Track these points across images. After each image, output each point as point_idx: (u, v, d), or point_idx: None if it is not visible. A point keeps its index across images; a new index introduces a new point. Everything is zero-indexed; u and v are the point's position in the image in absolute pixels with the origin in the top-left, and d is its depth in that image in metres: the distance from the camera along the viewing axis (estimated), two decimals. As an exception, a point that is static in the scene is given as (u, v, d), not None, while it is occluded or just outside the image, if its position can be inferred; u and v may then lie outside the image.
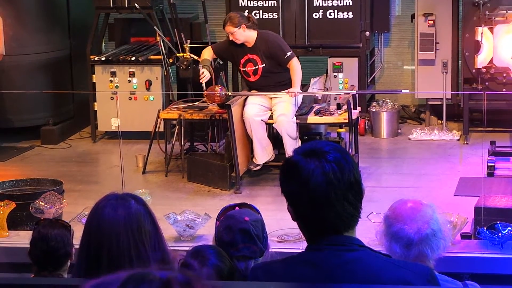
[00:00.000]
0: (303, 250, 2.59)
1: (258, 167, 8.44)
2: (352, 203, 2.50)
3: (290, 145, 8.26)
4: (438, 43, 10.09)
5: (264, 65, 8.40)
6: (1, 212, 6.70)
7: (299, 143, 8.42)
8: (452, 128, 10.14)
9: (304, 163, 2.48)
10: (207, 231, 6.50)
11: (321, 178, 2.45)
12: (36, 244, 4.50)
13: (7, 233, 6.74)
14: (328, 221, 2.50)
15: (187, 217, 6.67)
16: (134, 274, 1.20)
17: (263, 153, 8.41)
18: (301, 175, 2.48)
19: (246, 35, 8.38)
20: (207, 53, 8.66)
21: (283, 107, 8.32)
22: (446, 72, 10.12)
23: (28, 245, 4.59)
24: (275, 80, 8.44)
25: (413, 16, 10.33)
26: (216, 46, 8.75)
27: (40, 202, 6.60)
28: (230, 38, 8.47)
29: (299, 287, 2.50)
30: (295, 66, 8.32)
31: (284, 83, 8.39)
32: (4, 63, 9.96)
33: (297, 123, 8.38)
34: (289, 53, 8.35)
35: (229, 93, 8.68)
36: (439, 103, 10.31)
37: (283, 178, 2.57)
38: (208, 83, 8.53)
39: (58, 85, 10.32)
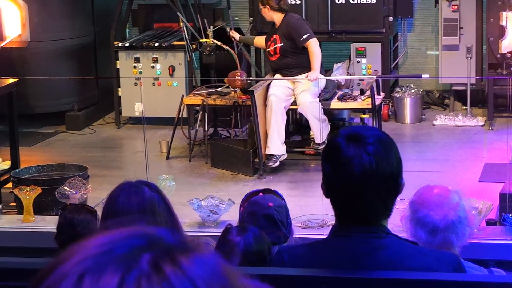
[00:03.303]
0: (330, 234, 2.59)
1: (277, 164, 8.34)
2: (383, 199, 2.47)
3: (317, 127, 8.26)
4: (462, 28, 10.03)
5: (282, 44, 8.45)
6: (27, 197, 6.75)
7: (328, 126, 8.41)
8: (477, 114, 10.09)
9: (345, 147, 2.45)
10: (230, 217, 6.52)
11: (356, 169, 2.42)
12: (62, 229, 4.54)
13: (33, 218, 6.79)
14: (355, 210, 2.49)
15: (211, 202, 6.69)
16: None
17: (278, 143, 8.32)
18: (338, 159, 2.45)
19: (271, 16, 8.49)
20: (257, 37, 9.01)
21: (305, 90, 8.33)
22: (470, 57, 10.07)
23: (54, 230, 4.63)
24: (292, 61, 8.46)
25: (436, 1, 10.26)
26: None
27: (66, 187, 6.64)
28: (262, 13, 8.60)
29: (324, 272, 2.51)
30: (313, 49, 8.33)
31: (304, 65, 8.40)
32: (29, 49, 10.02)
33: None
34: (305, 36, 8.35)
35: (250, 78, 8.71)
36: (463, 88, 10.26)
37: (323, 155, 2.56)
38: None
39: (82, 71, 10.36)
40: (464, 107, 10.26)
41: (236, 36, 9.03)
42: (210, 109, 8.92)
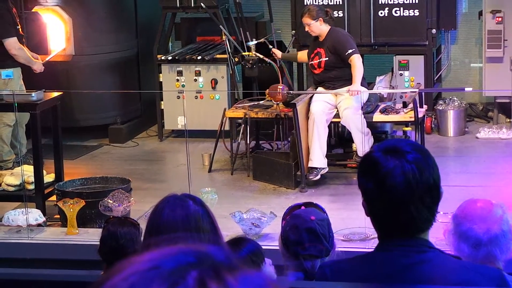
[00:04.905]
0: (373, 249, 2.58)
1: (318, 177, 8.33)
2: (428, 207, 2.45)
3: (360, 140, 8.24)
4: (506, 40, 9.95)
5: (327, 58, 8.46)
6: (71, 210, 6.82)
7: (372, 139, 8.38)
8: (521, 127, 9.99)
9: (384, 160, 2.43)
10: (272, 230, 6.53)
11: (400, 179, 2.41)
12: (106, 241, 4.57)
13: (77, 231, 6.86)
14: (400, 222, 2.47)
15: (253, 215, 6.71)
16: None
17: (320, 156, 8.32)
18: (379, 173, 2.43)
19: (321, 29, 8.49)
20: (299, 53, 9.05)
21: (347, 102, 8.33)
22: (514, 70, 9.98)
23: (98, 243, 4.66)
24: (336, 74, 8.48)
25: (480, 13, 10.20)
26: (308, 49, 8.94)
27: (109, 200, 6.70)
28: (306, 29, 8.56)
29: (366, 287, 2.50)
30: (355, 64, 8.34)
31: (347, 78, 8.41)
32: (73, 63, 10.13)
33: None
34: (350, 51, 8.36)
35: (291, 92, 8.72)
36: (507, 101, 10.17)
37: (361, 172, 2.52)
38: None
39: (125, 84, 10.45)
40: (508, 120, 10.17)
41: (278, 53, 9.02)
42: (252, 122, 8.94)
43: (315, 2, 10.05)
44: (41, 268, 6.43)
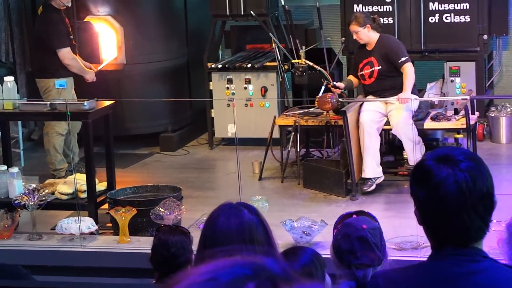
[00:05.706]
0: (425, 258, 2.56)
1: (373, 187, 8.28)
2: (481, 216, 2.44)
3: (411, 149, 8.18)
4: (560, 45, 9.82)
5: (380, 67, 8.41)
6: (123, 218, 6.87)
7: (423, 147, 8.32)
8: None
9: (436, 169, 2.42)
10: (323, 238, 6.50)
11: (453, 187, 2.40)
12: (157, 250, 4.60)
13: (129, 239, 6.91)
14: (453, 231, 2.45)
15: (304, 223, 6.69)
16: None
17: (373, 166, 8.26)
18: (431, 181, 2.43)
19: (370, 36, 8.43)
20: (352, 78, 8.79)
21: (398, 112, 8.28)
22: None
23: (149, 251, 4.69)
24: (389, 83, 8.41)
25: (533, 19, 10.08)
26: (351, 67, 8.80)
27: (160, 209, 6.73)
28: (354, 37, 8.52)
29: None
30: (408, 71, 8.29)
31: (398, 88, 8.35)
32: (124, 72, 10.22)
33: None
34: (403, 58, 8.32)
35: (341, 100, 8.66)
36: (561, 107, 10.02)
37: (413, 181, 2.52)
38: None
39: (176, 93, 10.51)
40: (562, 126, 10.01)
41: (341, 85, 8.62)
42: (302, 130, 8.93)
43: (365, 9, 10.01)
44: (94, 276, 6.49)
